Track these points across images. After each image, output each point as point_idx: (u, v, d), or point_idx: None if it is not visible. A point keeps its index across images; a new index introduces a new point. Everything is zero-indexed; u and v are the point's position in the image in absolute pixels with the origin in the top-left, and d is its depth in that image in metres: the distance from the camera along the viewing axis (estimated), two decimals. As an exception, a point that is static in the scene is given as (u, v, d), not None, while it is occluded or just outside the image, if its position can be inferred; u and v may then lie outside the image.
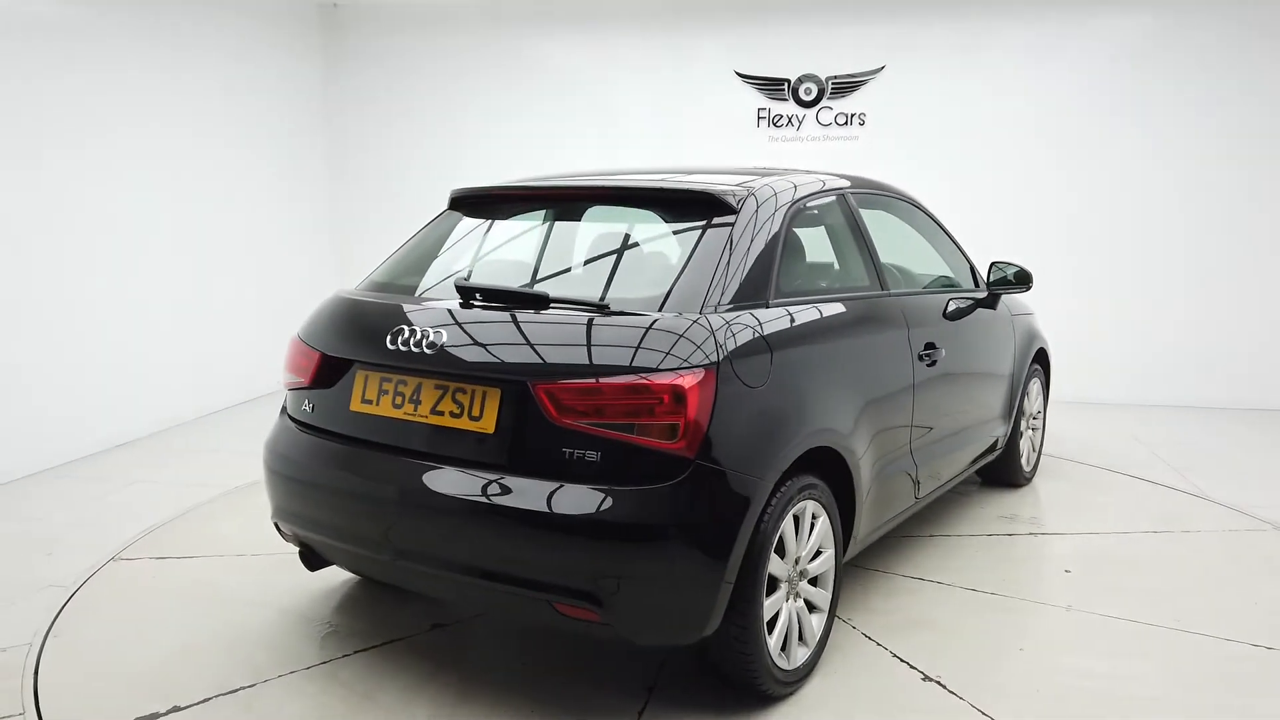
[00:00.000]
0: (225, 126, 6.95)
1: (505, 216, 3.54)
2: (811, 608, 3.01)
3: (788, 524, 2.79)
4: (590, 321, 2.66)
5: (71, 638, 3.33)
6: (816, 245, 3.47)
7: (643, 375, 2.51)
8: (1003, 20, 7.21)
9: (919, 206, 4.36)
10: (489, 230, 3.45)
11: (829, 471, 3.03)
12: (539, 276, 3.30)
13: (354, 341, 3.02)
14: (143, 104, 6.11)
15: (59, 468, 5.40)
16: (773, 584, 2.79)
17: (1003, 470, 5.00)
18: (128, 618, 3.50)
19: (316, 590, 3.72)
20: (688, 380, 2.52)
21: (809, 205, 3.35)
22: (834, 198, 3.58)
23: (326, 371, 3.04)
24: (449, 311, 2.87)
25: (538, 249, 3.38)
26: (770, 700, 2.87)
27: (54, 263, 5.43)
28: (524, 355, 2.67)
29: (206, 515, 4.63)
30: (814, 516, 2.95)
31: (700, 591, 2.54)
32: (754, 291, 2.88)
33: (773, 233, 3.05)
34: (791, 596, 2.89)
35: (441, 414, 2.75)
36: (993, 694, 2.93)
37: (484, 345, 2.74)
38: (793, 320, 2.97)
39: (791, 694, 2.92)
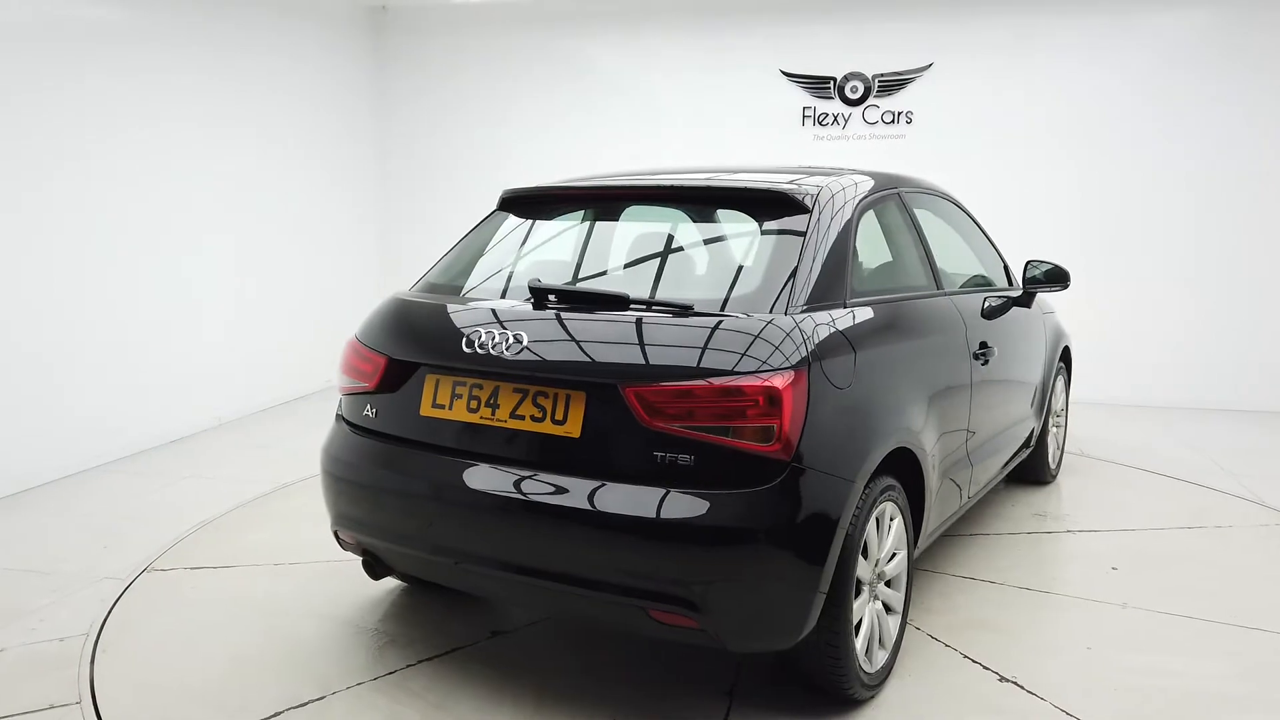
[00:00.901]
0: (277, 128, 7.07)
1: (559, 217, 3.48)
2: (888, 609, 2.99)
3: (870, 526, 2.77)
4: (678, 322, 2.62)
5: (123, 643, 3.23)
6: (879, 244, 3.45)
7: (736, 377, 2.47)
8: (1052, 17, 7.10)
9: (955, 203, 4.36)
10: (545, 231, 3.39)
11: (901, 472, 3.01)
12: (603, 278, 3.24)
13: (423, 344, 2.94)
14: (196, 107, 6.22)
15: (115, 462, 5.50)
16: (857, 587, 2.76)
17: (1030, 467, 5.02)
18: (173, 629, 3.40)
19: (361, 599, 3.63)
20: (781, 381, 2.48)
21: (872, 204, 3.33)
22: (893, 196, 3.56)
23: (392, 375, 2.96)
24: (528, 314, 2.80)
25: (599, 249, 3.32)
26: (855, 704, 2.84)
27: (107, 263, 5.54)
28: (611, 357, 2.61)
29: (239, 524, 4.53)
30: (890, 518, 2.93)
31: (798, 595, 2.51)
32: (831, 291, 2.85)
33: (844, 232, 3.02)
34: (872, 599, 2.87)
35: (522, 418, 2.69)
36: (1075, 694, 2.93)
37: (567, 347, 2.68)
38: (871, 320, 2.94)
39: (873, 697, 2.89)
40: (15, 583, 3.78)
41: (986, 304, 4.05)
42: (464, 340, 2.79)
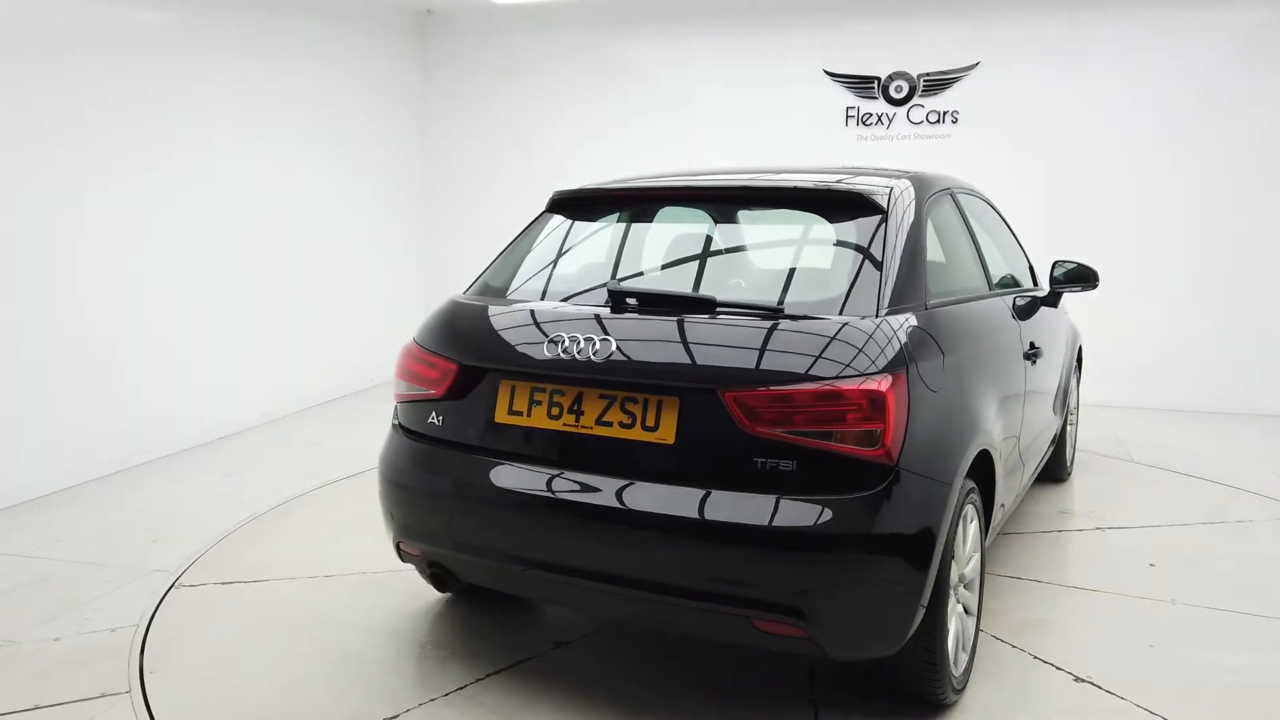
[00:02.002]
0: (322, 131, 7.21)
1: (614, 219, 3.41)
2: (965, 612, 2.97)
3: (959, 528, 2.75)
4: (775, 326, 2.56)
5: (169, 658, 3.09)
6: (939, 244, 3.43)
7: (839, 380, 2.43)
8: (1101, 14, 6.98)
9: (986, 200, 4.38)
10: (608, 233, 3.32)
11: (974, 474, 3.00)
12: (675, 280, 3.18)
13: (498, 349, 2.85)
14: (244, 111, 6.35)
15: (168, 458, 5.69)
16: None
17: (1048, 466, 5.06)
18: (218, 645, 3.26)
19: (410, 611, 3.53)
20: (884, 385, 2.44)
21: (933, 203, 3.31)
22: (946, 195, 3.55)
23: (461, 382, 2.86)
24: (615, 317, 2.72)
25: (663, 251, 3.25)
26: (942, 709, 2.82)
27: (159, 264, 5.69)
28: (709, 361, 2.54)
29: (274, 530, 4.45)
30: (969, 521, 2.91)
31: (905, 601, 2.47)
32: (912, 293, 2.82)
33: (917, 232, 2.99)
34: (955, 602, 2.85)
35: (609, 424, 2.61)
36: (1155, 694, 2.94)
37: (659, 351, 2.61)
38: (950, 321, 2.93)
39: (957, 701, 2.87)
40: (72, 574, 3.89)
41: (1022, 304, 4.07)
42: (545, 345, 2.71)
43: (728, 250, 3.17)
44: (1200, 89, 6.90)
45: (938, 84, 7.33)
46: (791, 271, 3.00)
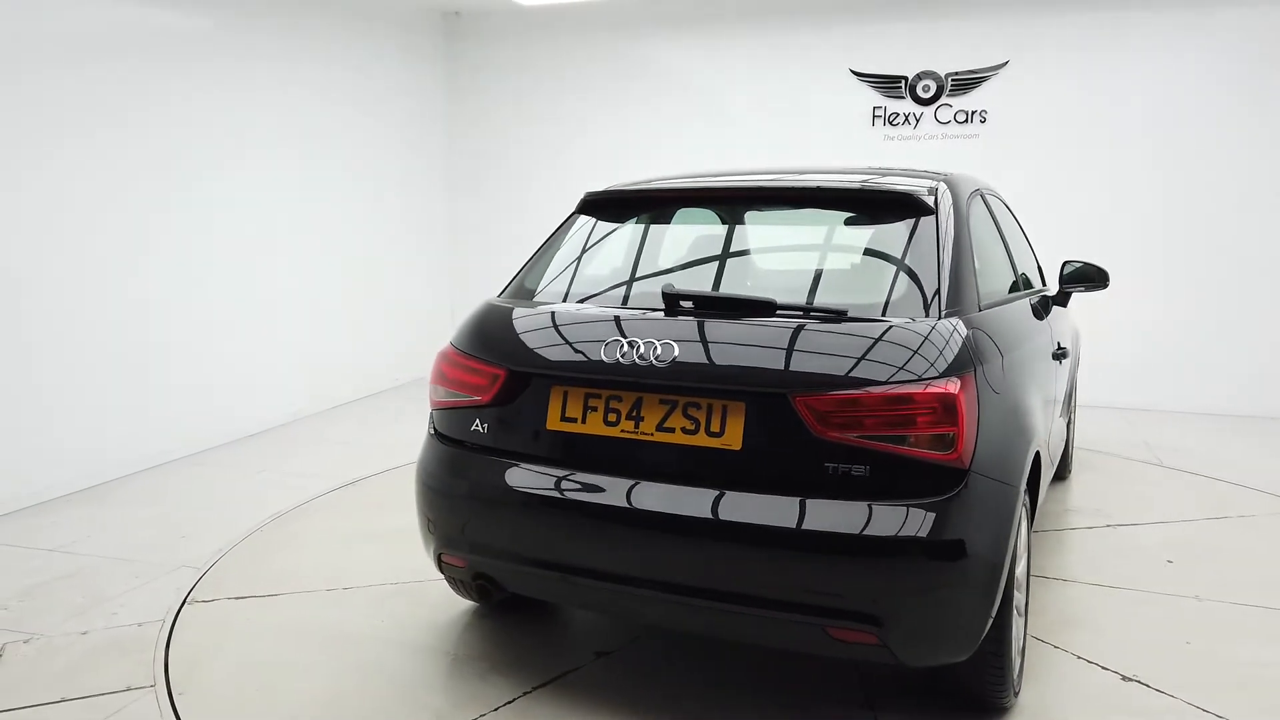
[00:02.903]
0: (350, 134, 7.31)
1: (649, 220, 3.33)
2: (1017, 613, 2.95)
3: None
4: (844, 329, 2.52)
5: (195, 678, 2.96)
6: (977, 246, 3.42)
7: (912, 383, 2.39)
8: (1132, 11, 6.89)
9: (1001, 199, 4.39)
10: (640, 234, 3.24)
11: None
12: (719, 282, 3.12)
13: (549, 354, 2.75)
14: (270, 113, 6.44)
15: (199, 454, 5.82)
16: (1006, 593, 2.71)
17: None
18: (244, 663, 3.13)
19: (437, 623, 3.42)
20: (955, 387, 2.41)
21: (971, 204, 3.30)
22: (977, 195, 3.54)
23: (509, 388, 2.77)
24: (676, 321, 2.65)
25: (709, 253, 3.19)
26: (1001, 711, 2.80)
27: (189, 267, 5.81)
28: (778, 365, 2.49)
29: (290, 538, 4.34)
30: (1022, 522, 2.89)
31: (980, 605, 2.44)
32: (967, 294, 2.79)
33: (964, 233, 2.97)
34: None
35: (671, 430, 2.54)
36: (1205, 692, 2.94)
37: (724, 355, 2.55)
38: (1003, 322, 2.91)
39: (1014, 704, 2.86)
40: (103, 569, 3.96)
41: (1041, 304, 4.08)
42: (601, 349, 2.63)
43: (772, 251, 3.12)
44: (1233, 89, 6.79)
45: (966, 83, 7.29)
46: (844, 273, 2.96)
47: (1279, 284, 6.91)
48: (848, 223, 3.07)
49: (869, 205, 3.00)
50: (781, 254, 3.13)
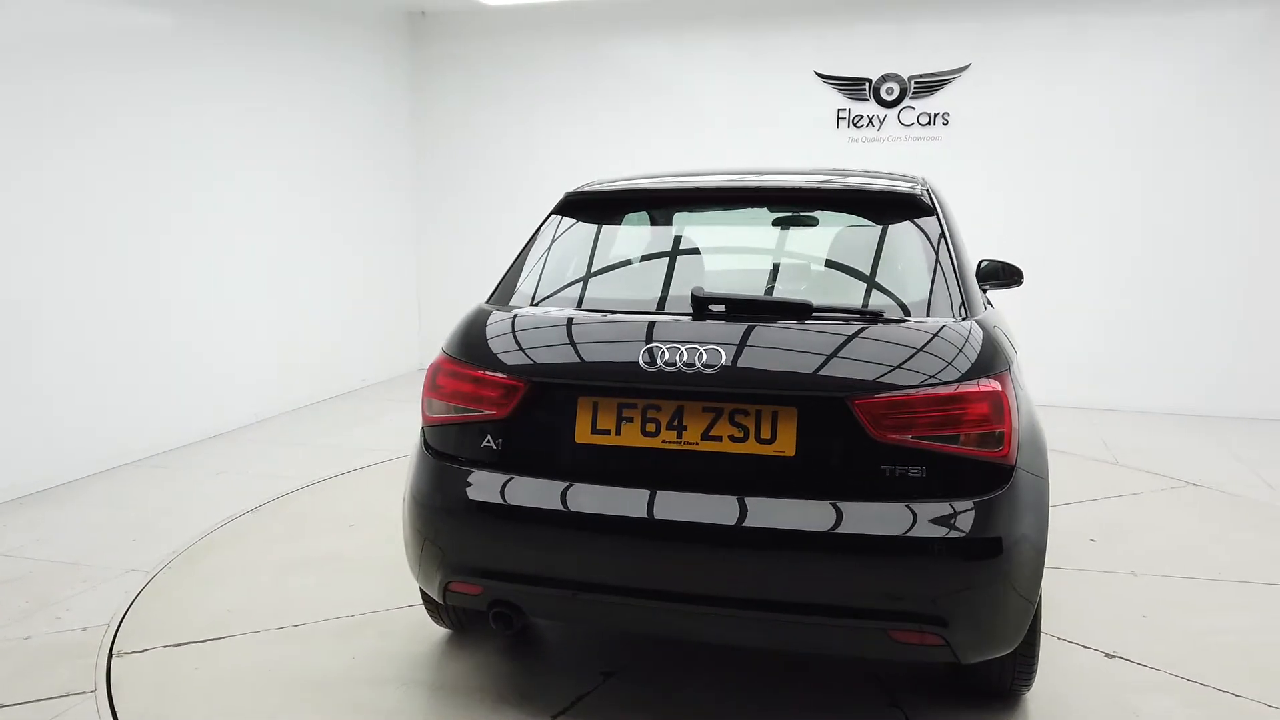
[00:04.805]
0: (315, 134, 7.29)
1: (637, 220, 3.23)
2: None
3: None
4: (894, 332, 2.51)
5: None
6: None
7: (963, 383, 2.41)
8: (1095, 15, 6.92)
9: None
10: (636, 235, 3.14)
11: None
12: (726, 282, 3.04)
13: (572, 364, 2.60)
14: (236, 111, 6.42)
15: (160, 455, 5.82)
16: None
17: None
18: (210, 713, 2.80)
19: (416, 657, 3.18)
20: (1001, 385, 2.45)
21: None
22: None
23: (528, 401, 2.59)
24: (714, 325, 2.56)
25: (710, 254, 3.11)
26: (1019, 698, 2.88)
27: (150, 264, 5.78)
28: (831, 369, 2.45)
29: (227, 565, 4.06)
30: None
31: (1028, 598, 2.49)
32: (975, 294, 2.86)
33: (959, 234, 3.05)
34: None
35: (718, 439, 2.45)
36: (1181, 663, 3.14)
37: (774, 360, 2.48)
38: (1005, 320, 3.00)
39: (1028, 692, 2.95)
40: (49, 573, 3.94)
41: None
42: (637, 356, 2.50)
43: (774, 252, 3.08)
44: (1196, 92, 6.87)
45: (929, 86, 7.34)
46: (855, 274, 2.96)
47: (1241, 285, 7.01)
48: (844, 223, 3.08)
49: (869, 205, 3.02)
50: (783, 255, 3.09)
